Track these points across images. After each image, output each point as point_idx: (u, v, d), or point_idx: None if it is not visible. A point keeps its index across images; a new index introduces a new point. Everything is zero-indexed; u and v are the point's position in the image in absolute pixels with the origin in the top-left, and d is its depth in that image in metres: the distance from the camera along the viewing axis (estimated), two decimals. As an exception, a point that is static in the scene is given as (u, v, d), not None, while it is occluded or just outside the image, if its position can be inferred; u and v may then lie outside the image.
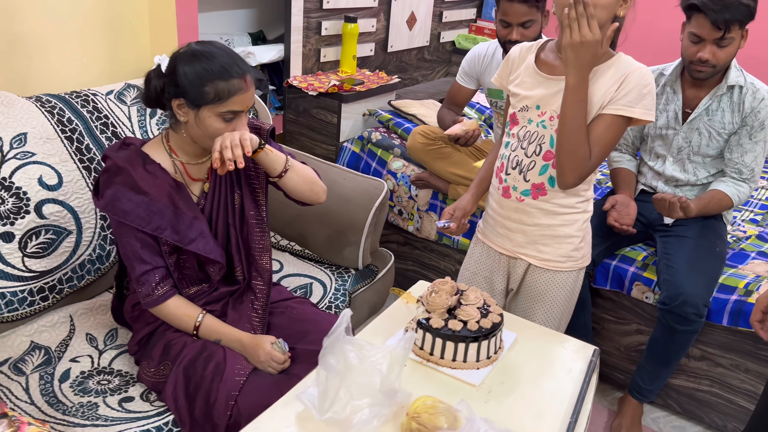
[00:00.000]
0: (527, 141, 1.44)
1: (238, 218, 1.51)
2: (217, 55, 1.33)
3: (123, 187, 1.35)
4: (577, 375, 1.22)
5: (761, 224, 2.32)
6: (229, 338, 1.43)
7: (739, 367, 1.93)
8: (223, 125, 1.35)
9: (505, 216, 1.52)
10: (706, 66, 1.80)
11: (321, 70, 2.85)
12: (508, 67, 1.52)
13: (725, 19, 1.71)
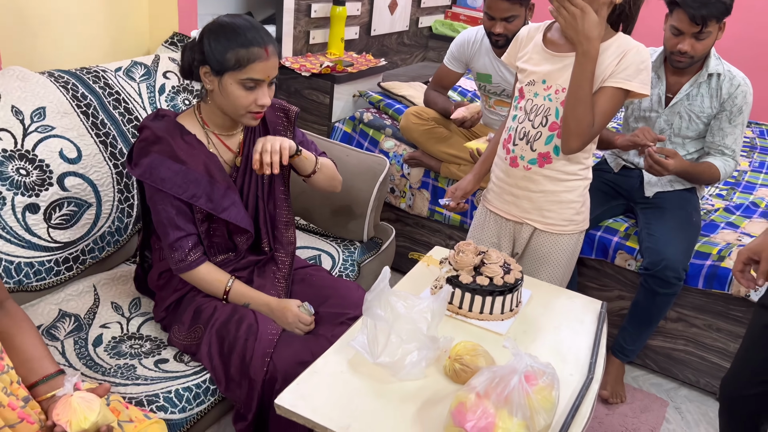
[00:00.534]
0: (534, 113, 1.56)
1: (266, 193, 1.59)
2: (241, 25, 1.39)
3: (161, 156, 1.41)
4: (589, 325, 1.35)
5: (726, 198, 2.52)
6: (257, 302, 1.50)
7: (712, 327, 2.12)
8: (244, 93, 1.40)
9: (513, 184, 1.64)
10: (685, 57, 1.95)
11: (310, 52, 2.91)
12: (517, 45, 1.65)
13: (703, 15, 1.85)
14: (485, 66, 2.36)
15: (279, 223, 1.61)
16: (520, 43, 1.62)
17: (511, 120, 1.63)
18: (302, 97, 2.74)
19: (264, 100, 1.42)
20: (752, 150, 3.01)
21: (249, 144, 1.56)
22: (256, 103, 1.42)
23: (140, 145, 1.44)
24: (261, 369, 1.37)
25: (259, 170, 1.44)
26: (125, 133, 1.80)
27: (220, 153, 1.52)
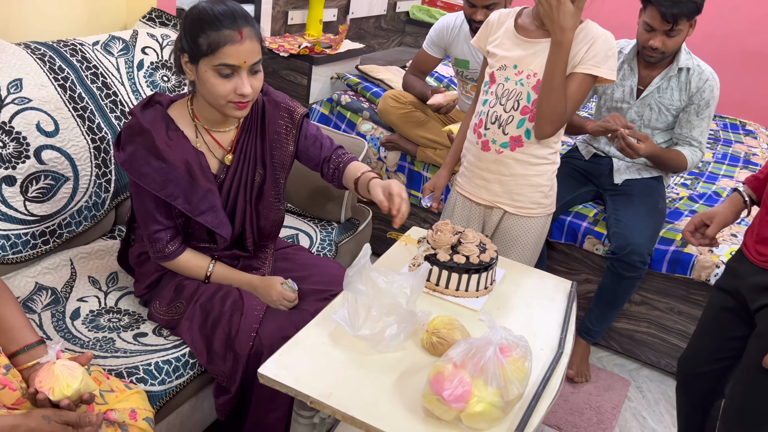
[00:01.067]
0: (505, 98, 1.60)
1: (255, 194, 1.53)
2: (214, 8, 1.32)
3: (143, 149, 1.37)
4: (559, 303, 1.41)
5: (690, 188, 2.62)
6: (240, 282, 1.52)
7: (673, 310, 2.21)
8: (220, 81, 1.31)
9: (484, 168, 1.68)
10: (656, 53, 2.02)
11: (288, 33, 2.91)
12: (487, 30, 1.68)
13: (674, 14, 1.91)
14: (463, 52, 2.39)
15: (266, 223, 1.56)
16: (491, 27, 1.66)
17: (482, 104, 1.67)
18: (280, 77, 2.74)
19: (244, 88, 1.32)
20: (716, 142, 3.12)
21: (243, 142, 1.49)
22: (235, 92, 1.33)
23: (126, 132, 1.39)
24: (247, 344, 1.39)
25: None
26: (103, 107, 1.78)
27: (209, 149, 1.47)
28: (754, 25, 3.36)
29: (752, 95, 3.45)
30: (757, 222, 1.37)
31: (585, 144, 2.36)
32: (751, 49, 3.40)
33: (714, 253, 2.07)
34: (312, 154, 1.58)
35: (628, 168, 2.24)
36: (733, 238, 2.16)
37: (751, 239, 1.39)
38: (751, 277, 1.37)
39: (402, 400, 1.06)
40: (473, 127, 1.70)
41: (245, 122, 1.51)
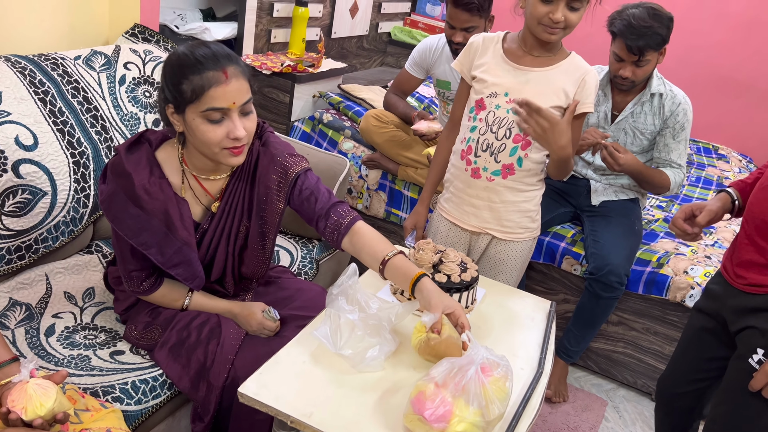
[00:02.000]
0: (497, 125, 1.59)
1: (239, 245, 1.47)
2: (195, 51, 1.23)
3: (122, 193, 1.30)
4: (539, 323, 1.42)
5: (666, 210, 2.67)
6: (219, 309, 1.48)
7: (650, 331, 2.24)
8: (211, 127, 1.24)
9: (474, 195, 1.66)
10: (627, 81, 2.06)
11: (271, 51, 2.92)
12: (471, 54, 1.64)
13: (639, 46, 1.96)
14: (445, 73, 2.42)
15: (248, 270, 1.51)
16: (475, 51, 1.63)
17: (469, 131, 1.63)
18: (262, 95, 2.74)
19: (237, 131, 1.24)
20: (690, 165, 3.19)
21: (232, 191, 1.42)
22: (228, 137, 1.25)
23: (111, 169, 1.33)
24: (221, 375, 1.36)
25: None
26: (83, 122, 1.77)
27: (195, 195, 1.41)
28: (726, 51, 3.46)
29: (724, 120, 3.54)
30: (737, 244, 1.40)
31: (563, 166, 2.40)
32: (724, 75, 3.50)
33: (688, 275, 2.11)
34: (306, 209, 1.44)
35: (605, 189, 2.28)
36: (707, 259, 2.20)
37: (730, 262, 1.42)
38: (731, 300, 1.39)
39: (383, 419, 1.06)
40: (460, 153, 1.66)
41: (235, 171, 1.43)
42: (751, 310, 1.32)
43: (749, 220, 1.35)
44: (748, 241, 1.34)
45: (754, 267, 1.32)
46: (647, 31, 1.94)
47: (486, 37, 1.64)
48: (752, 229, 1.33)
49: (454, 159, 1.71)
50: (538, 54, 1.55)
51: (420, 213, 1.83)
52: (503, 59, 1.58)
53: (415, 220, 1.84)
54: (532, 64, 1.55)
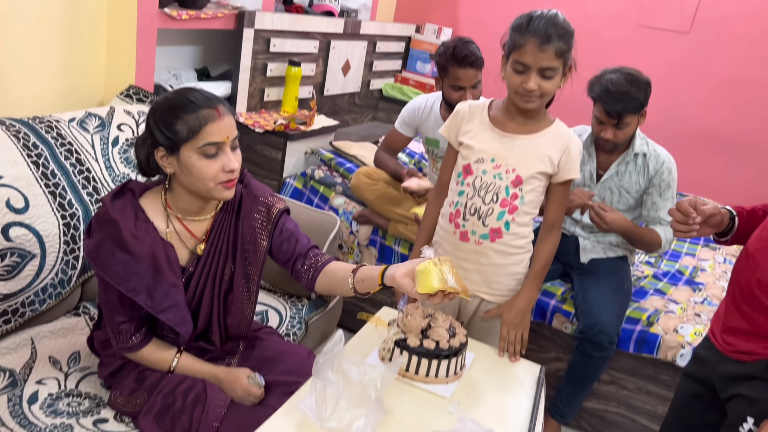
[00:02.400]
0: (484, 190, 1.61)
1: (225, 288, 1.49)
2: (182, 94, 1.33)
3: (109, 240, 1.33)
4: (529, 388, 1.41)
5: (654, 266, 2.68)
6: (204, 375, 1.47)
7: (642, 390, 2.22)
8: (207, 162, 1.31)
9: (462, 258, 1.67)
10: (608, 143, 2.11)
11: (264, 109, 2.98)
12: (458, 121, 1.68)
13: (617, 110, 2.02)
14: (434, 132, 2.47)
15: (233, 320, 1.52)
16: (462, 118, 1.66)
17: (457, 195, 1.66)
18: (254, 152, 2.78)
19: (231, 164, 1.33)
20: (677, 220, 3.22)
21: (216, 232, 1.47)
22: (224, 170, 1.33)
23: (95, 220, 1.37)
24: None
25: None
26: (75, 184, 1.79)
27: (181, 239, 1.44)
28: (709, 108, 3.55)
29: (710, 174, 3.60)
30: (723, 311, 1.41)
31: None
32: (707, 131, 3.57)
33: (678, 333, 2.11)
34: (285, 249, 1.52)
35: (593, 247, 2.30)
36: (696, 317, 2.21)
37: (717, 328, 1.42)
38: (720, 366, 1.39)
39: (370, 495, 1.04)
40: (449, 216, 1.68)
41: (220, 213, 1.48)
42: (740, 377, 1.32)
43: (734, 287, 1.36)
44: (734, 307, 1.35)
45: (742, 334, 1.33)
46: (624, 96, 1.99)
47: (472, 105, 1.68)
48: (737, 296, 1.34)
49: (443, 222, 1.73)
50: (521, 121, 1.59)
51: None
52: (489, 126, 1.62)
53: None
54: (517, 131, 1.58)
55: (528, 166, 1.56)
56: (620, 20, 3.67)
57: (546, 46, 1.44)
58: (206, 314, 1.49)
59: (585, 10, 3.73)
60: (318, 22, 3.12)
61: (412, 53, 4.07)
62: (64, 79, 2.10)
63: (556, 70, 1.48)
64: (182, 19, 2.34)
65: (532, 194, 1.60)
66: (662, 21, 3.56)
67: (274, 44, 2.86)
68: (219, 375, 1.46)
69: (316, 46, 3.15)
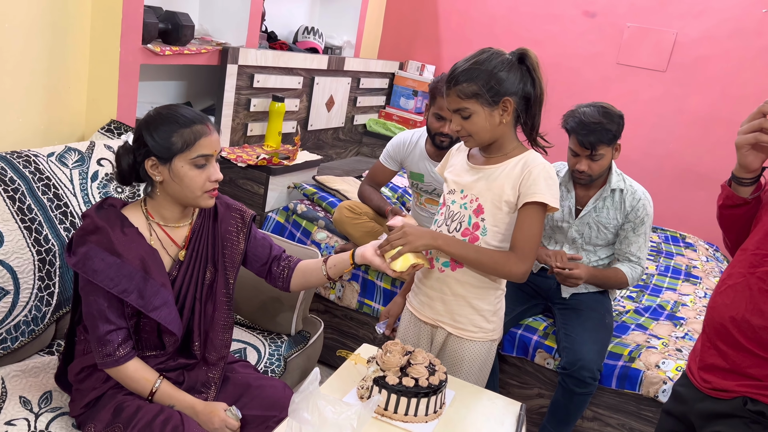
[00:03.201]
0: (450, 219, 1.65)
1: (206, 293, 1.57)
2: (176, 110, 1.45)
3: (97, 247, 1.39)
4: (509, 427, 1.39)
5: (636, 300, 2.69)
6: (182, 404, 1.46)
7: (625, 426, 2.20)
8: (197, 172, 1.44)
9: (429, 285, 1.68)
10: (584, 175, 2.15)
11: (247, 143, 2.98)
12: (448, 159, 1.77)
13: (591, 141, 2.07)
14: (418, 166, 2.49)
15: (216, 325, 1.58)
16: (451, 156, 1.75)
17: (433, 224, 1.72)
18: (237, 186, 2.78)
19: (217, 174, 1.47)
20: (658, 254, 3.25)
21: (196, 240, 1.56)
22: (210, 180, 1.46)
23: (79, 234, 1.42)
24: None
25: None
26: (52, 219, 1.77)
27: (163, 246, 1.52)
28: (686, 145, 3.62)
29: (689, 209, 3.65)
30: (699, 348, 1.41)
31: (533, 258, 2.43)
32: (685, 168, 3.64)
33: (660, 369, 2.11)
34: (260, 253, 1.68)
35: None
36: (678, 352, 2.21)
37: (695, 364, 1.42)
38: (698, 404, 1.38)
39: None
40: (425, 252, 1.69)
41: (198, 220, 1.59)
42: (717, 415, 1.32)
43: (709, 324, 1.36)
44: (709, 344, 1.35)
45: (718, 371, 1.33)
46: (597, 127, 2.05)
47: (461, 145, 1.74)
48: (713, 333, 1.34)
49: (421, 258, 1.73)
50: (488, 155, 1.62)
51: (396, 302, 1.87)
52: (466, 162, 1.67)
53: (389, 308, 1.87)
54: (486, 163, 1.61)
55: (489, 195, 1.57)
56: (599, 59, 3.76)
57: (448, 92, 1.55)
58: (187, 319, 1.55)
59: (564, 48, 3.82)
60: (302, 58, 3.16)
61: (395, 89, 4.13)
62: (45, 114, 2.09)
63: (468, 110, 1.52)
64: (165, 55, 2.36)
65: (496, 226, 1.58)
66: (639, 60, 3.66)
67: (258, 80, 2.88)
68: (196, 407, 1.46)
69: (300, 81, 3.18)
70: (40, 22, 1.98)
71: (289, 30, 3.57)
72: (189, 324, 1.56)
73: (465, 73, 1.51)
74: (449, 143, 2.28)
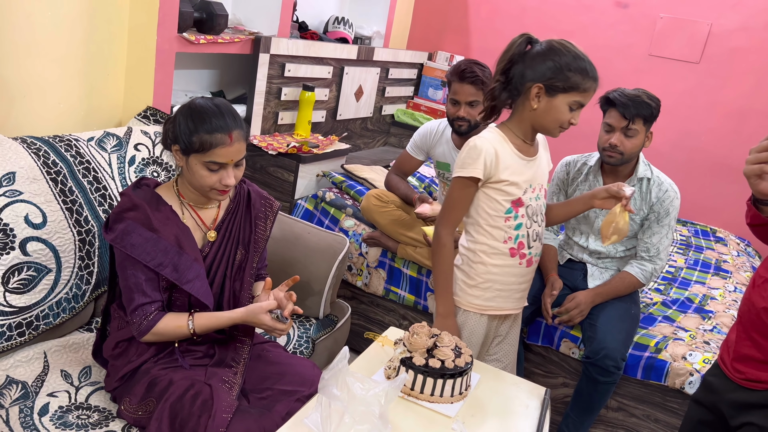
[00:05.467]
0: (537, 215, 1.74)
1: (234, 272, 1.64)
2: (209, 110, 1.48)
3: (135, 223, 1.47)
4: (533, 411, 1.41)
5: (664, 293, 2.68)
6: (225, 322, 1.56)
7: (650, 417, 2.20)
8: (208, 173, 1.49)
9: (526, 280, 1.80)
10: (615, 152, 2.14)
11: (278, 132, 3.03)
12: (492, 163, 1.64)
13: (631, 112, 2.09)
14: (444, 155, 2.51)
15: (242, 304, 1.63)
16: (493, 159, 1.64)
17: (515, 229, 1.69)
18: (267, 173, 2.83)
19: (227, 180, 1.51)
20: (687, 248, 3.22)
21: (229, 222, 1.64)
22: (220, 183, 1.51)
23: (117, 211, 1.50)
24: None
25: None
26: (92, 201, 1.83)
27: (196, 224, 1.60)
28: (719, 138, 3.56)
29: (721, 203, 3.60)
30: (734, 338, 1.40)
31: (560, 249, 2.44)
32: (717, 161, 3.58)
33: (687, 361, 2.10)
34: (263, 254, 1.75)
35: (601, 273, 2.31)
36: (705, 345, 2.19)
37: (728, 355, 1.41)
38: (730, 394, 1.37)
39: None
40: (509, 252, 1.70)
41: (231, 203, 1.66)
42: (751, 405, 1.31)
43: (745, 314, 1.36)
44: (745, 335, 1.35)
45: (752, 362, 1.32)
46: (638, 100, 2.09)
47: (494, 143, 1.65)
48: (748, 324, 1.34)
49: (498, 260, 1.71)
50: (531, 142, 1.71)
51: (452, 328, 1.76)
52: (518, 156, 1.68)
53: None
54: (533, 153, 1.71)
55: (542, 178, 1.74)
56: (631, 50, 3.72)
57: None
58: (217, 295, 1.62)
59: (595, 39, 3.78)
60: (332, 48, 3.19)
61: (424, 80, 4.13)
62: (84, 101, 2.16)
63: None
64: (200, 44, 2.41)
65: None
66: (672, 51, 3.61)
67: (289, 69, 2.92)
68: (238, 318, 1.54)
69: (329, 71, 3.22)
70: (80, 11, 2.04)
71: (319, 20, 3.60)
72: (219, 300, 1.63)
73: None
74: (468, 128, 2.31)
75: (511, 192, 1.67)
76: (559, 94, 1.57)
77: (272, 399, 1.53)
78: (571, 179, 2.32)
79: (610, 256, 2.32)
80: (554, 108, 1.58)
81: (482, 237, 1.71)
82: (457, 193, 1.71)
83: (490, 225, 1.70)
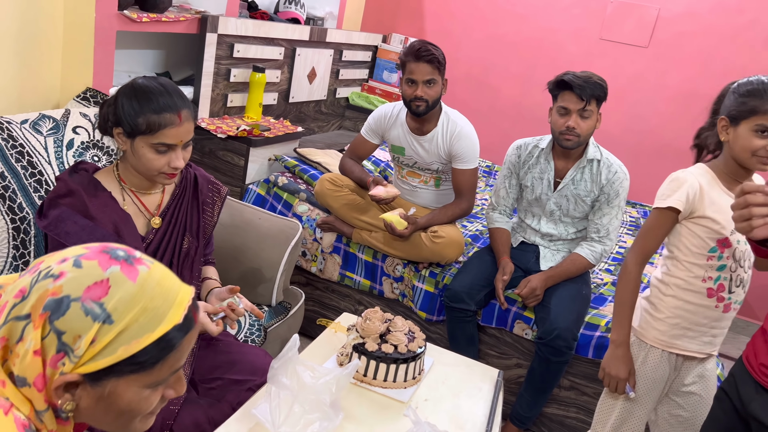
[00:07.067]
0: (743, 259, 1.58)
1: (182, 260, 1.59)
2: (154, 89, 1.41)
3: (70, 210, 1.40)
4: (486, 393, 1.41)
5: (614, 273, 2.73)
6: None
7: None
8: (156, 156, 1.43)
9: (721, 326, 1.65)
10: (573, 134, 2.15)
11: (227, 114, 2.94)
12: (696, 196, 1.59)
13: (586, 93, 2.10)
14: (399, 139, 2.48)
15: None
16: (696, 193, 1.59)
17: (717, 269, 1.59)
18: (216, 158, 2.75)
19: (176, 162, 1.45)
20: (637, 229, 3.29)
21: (175, 207, 1.58)
22: (169, 165, 1.45)
23: (51, 197, 1.42)
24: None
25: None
26: (26, 187, 1.74)
27: (140, 208, 1.53)
28: (667, 122, 3.64)
29: (668, 185, 3.68)
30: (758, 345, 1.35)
31: (513, 232, 2.45)
32: (665, 143, 3.66)
33: (636, 339, 2.14)
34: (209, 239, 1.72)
35: (553, 255, 2.33)
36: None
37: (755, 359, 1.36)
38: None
39: (323, 501, 1.02)
40: (707, 291, 1.60)
41: (177, 188, 1.60)
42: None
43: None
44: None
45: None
46: (591, 81, 2.11)
47: (693, 175, 1.62)
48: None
49: (691, 297, 1.63)
50: (742, 180, 1.55)
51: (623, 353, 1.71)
52: (727, 194, 1.56)
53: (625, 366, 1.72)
54: (738, 183, 1.54)
55: None
56: (582, 34, 3.75)
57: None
58: None
59: (548, 24, 3.80)
60: (283, 28, 3.11)
61: (378, 62, 4.09)
62: (18, 80, 2.04)
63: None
64: (142, 22, 2.30)
65: None
66: (622, 35, 3.65)
67: (238, 50, 2.83)
68: None
69: (281, 52, 3.14)
70: (11, -15, 1.92)
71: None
72: None
73: None
74: (426, 108, 2.29)
75: (716, 230, 1.56)
76: (741, 121, 1.50)
77: (222, 389, 1.49)
78: (522, 162, 2.32)
79: (562, 238, 2.34)
80: (740, 137, 1.51)
81: (679, 271, 1.62)
82: (652, 222, 1.66)
83: (690, 261, 1.61)
